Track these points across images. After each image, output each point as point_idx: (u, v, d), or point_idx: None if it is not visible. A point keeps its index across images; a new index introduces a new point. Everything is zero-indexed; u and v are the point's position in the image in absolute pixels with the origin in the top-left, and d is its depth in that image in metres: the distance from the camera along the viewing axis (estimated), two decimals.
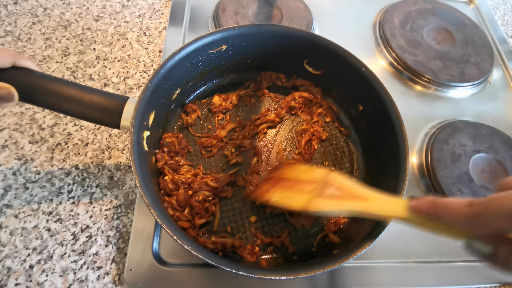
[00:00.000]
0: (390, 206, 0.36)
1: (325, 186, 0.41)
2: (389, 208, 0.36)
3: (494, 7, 0.95)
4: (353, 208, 0.38)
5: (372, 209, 0.37)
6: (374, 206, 0.38)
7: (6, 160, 0.55)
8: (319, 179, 0.42)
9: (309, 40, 0.57)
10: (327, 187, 0.41)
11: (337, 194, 0.40)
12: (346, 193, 0.40)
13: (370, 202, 0.38)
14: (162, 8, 0.78)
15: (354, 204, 0.38)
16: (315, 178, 0.43)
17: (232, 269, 0.37)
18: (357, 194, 0.39)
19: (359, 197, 0.39)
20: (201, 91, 0.62)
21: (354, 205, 0.38)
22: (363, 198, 0.39)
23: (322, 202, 0.40)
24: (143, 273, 0.47)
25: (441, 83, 0.72)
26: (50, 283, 0.47)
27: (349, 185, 0.41)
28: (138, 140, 0.45)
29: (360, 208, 0.38)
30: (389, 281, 0.51)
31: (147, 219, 0.51)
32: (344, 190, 0.40)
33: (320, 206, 0.40)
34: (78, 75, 0.65)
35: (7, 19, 0.70)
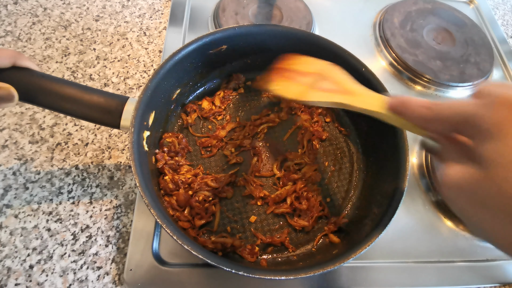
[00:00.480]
0: (372, 101, 0.40)
1: (321, 78, 0.46)
2: (370, 103, 0.39)
3: (494, 7, 0.95)
4: (339, 100, 0.42)
5: (356, 102, 0.41)
6: (358, 100, 0.41)
7: (6, 160, 0.55)
8: (320, 70, 0.47)
9: (309, 40, 0.57)
10: (322, 79, 0.45)
11: (329, 88, 0.44)
12: (338, 87, 0.44)
13: (356, 97, 0.42)
14: (162, 8, 0.78)
15: (341, 97, 0.42)
16: (313, 70, 0.47)
17: (232, 269, 0.37)
18: (347, 89, 0.43)
19: (348, 91, 0.43)
20: (201, 91, 0.62)
21: (341, 98, 0.42)
22: (351, 92, 0.42)
23: (314, 94, 0.44)
24: (143, 273, 0.47)
25: (441, 83, 0.72)
26: (50, 283, 0.47)
27: (342, 80, 0.45)
28: (138, 140, 0.45)
29: (345, 101, 0.41)
30: (389, 281, 0.51)
31: (147, 219, 0.51)
32: (338, 83, 0.44)
33: (311, 97, 0.44)
34: (78, 75, 0.65)
35: (7, 19, 0.70)
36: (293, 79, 0.48)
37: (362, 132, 0.60)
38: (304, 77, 0.47)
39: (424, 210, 0.58)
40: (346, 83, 0.44)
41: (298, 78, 0.47)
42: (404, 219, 0.57)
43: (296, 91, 0.46)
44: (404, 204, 0.56)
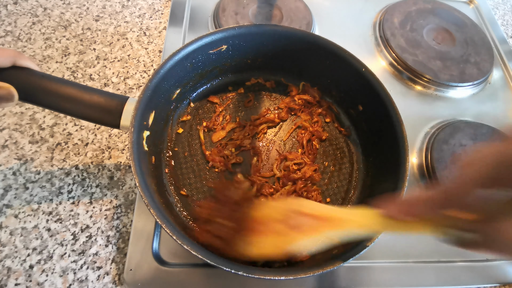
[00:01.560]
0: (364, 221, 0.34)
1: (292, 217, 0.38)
2: (364, 223, 0.34)
3: (494, 7, 0.95)
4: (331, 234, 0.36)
5: (347, 229, 0.35)
6: (348, 226, 0.36)
7: (6, 160, 0.55)
8: (284, 210, 0.40)
9: (309, 40, 0.57)
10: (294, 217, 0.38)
11: (310, 223, 0.37)
12: (318, 219, 0.37)
13: (343, 223, 0.36)
14: (162, 8, 0.78)
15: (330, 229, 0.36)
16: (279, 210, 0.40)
17: (232, 269, 0.37)
18: (329, 216, 0.37)
19: (332, 219, 0.37)
20: (202, 91, 0.62)
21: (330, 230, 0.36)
22: (336, 219, 0.36)
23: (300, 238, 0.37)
24: (143, 273, 0.47)
25: (441, 83, 0.72)
26: (50, 283, 0.47)
27: (318, 209, 0.39)
28: (138, 140, 0.45)
29: (335, 232, 0.36)
30: (389, 281, 0.51)
31: (147, 219, 0.51)
32: (315, 215, 0.38)
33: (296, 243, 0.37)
34: (78, 75, 0.65)
35: (7, 19, 0.70)
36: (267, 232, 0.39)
37: (362, 132, 0.60)
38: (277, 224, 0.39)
39: None
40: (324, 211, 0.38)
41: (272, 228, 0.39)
42: None
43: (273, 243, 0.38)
44: None
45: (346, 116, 0.63)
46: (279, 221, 0.39)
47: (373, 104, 0.54)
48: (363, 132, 0.60)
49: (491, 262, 0.55)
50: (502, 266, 0.54)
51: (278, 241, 0.38)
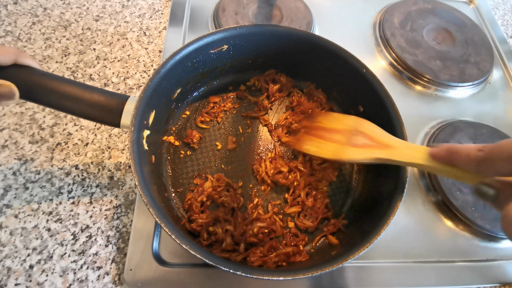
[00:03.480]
0: (412, 153, 0.39)
1: (355, 134, 0.45)
2: (411, 155, 0.39)
3: (494, 7, 0.95)
4: (380, 156, 0.41)
5: (396, 156, 0.40)
6: (398, 153, 0.40)
7: (6, 160, 0.55)
8: (350, 126, 0.46)
9: (310, 41, 0.57)
10: (356, 135, 0.45)
11: (365, 143, 0.44)
12: (373, 141, 0.43)
13: (395, 150, 0.41)
14: (162, 8, 0.78)
15: (381, 152, 0.42)
16: (346, 126, 0.47)
17: (231, 269, 0.37)
18: (384, 142, 0.42)
19: (385, 145, 0.42)
20: (202, 91, 0.62)
21: (380, 153, 0.42)
22: (388, 146, 0.42)
23: (352, 151, 0.43)
24: (143, 273, 0.47)
25: (441, 83, 0.72)
26: (50, 283, 0.47)
27: (377, 133, 0.44)
28: (138, 139, 0.45)
29: (385, 156, 0.41)
30: (389, 281, 0.51)
31: (147, 219, 0.51)
32: (372, 137, 0.44)
33: (349, 155, 0.43)
34: (78, 75, 0.65)
35: (7, 19, 0.70)
36: (324, 138, 0.47)
37: None
38: (335, 134, 0.47)
39: (424, 210, 0.58)
40: (381, 137, 0.44)
41: (330, 136, 0.47)
42: (404, 219, 0.57)
43: (331, 149, 0.45)
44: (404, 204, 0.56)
45: None
46: (342, 132, 0.46)
47: (374, 105, 0.54)
48: None
49: (491, 262, 0.55)
50: (502, 266, 0.54)
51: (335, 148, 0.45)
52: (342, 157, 0.44)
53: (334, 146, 0.46)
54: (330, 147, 0.46)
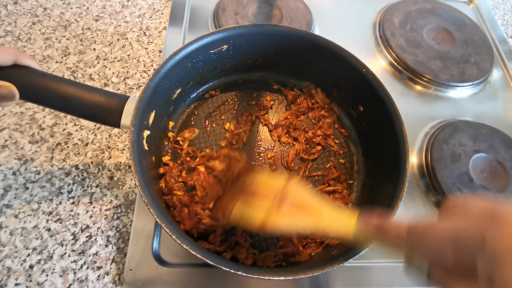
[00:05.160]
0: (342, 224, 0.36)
1: (282, 200, 0.40)
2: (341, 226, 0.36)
3: (494, 7, 0.95)
4: (307, 225, 0.39)
5: (324, 226, 0.38)
6: (326, 224, 0.38)
7: (6, 160, 0.55)
8: (278, 191, 0.41)
9: (310, 40, 0.57)
10: (284, 201, 0.40)
11: (292, 210, 0.40)
12: (301, 208, 0.40)
13: (323, 219, 0.38)
14: (162, 8, 0.78)
15: (308, 221, 0.39)
16: (274, 190, 0.42)
17: (231, 269, 0.37)
18: (312, 209, 0.39)
19: (313, 212, 0.39)
20: (202, 91, 0.62)
21: (308, 222, 0.39)
22: (316, 213, 0.39)
23: (278, 220, 0.39)
24: (143, 273, 0.47)
25: (441, 83, 0.72)
26: (50, 283, 0.47)
27: (305, 199, 0.40)
28: (138, 139, 0.45)
29: (313, 225, 0.38)
30: (389, 281, 0.51)
31: (147, 219, 0.51)
32: (300, 204, 0.40)
33: (275, 224, 0.39)
34: (78, 75, 0.65)
35: (7, 19, 0.70)
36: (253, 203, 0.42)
37: (362, 133, 0.60)
38: (264, 200, 0.41)
39: (424, 210, 0.58)
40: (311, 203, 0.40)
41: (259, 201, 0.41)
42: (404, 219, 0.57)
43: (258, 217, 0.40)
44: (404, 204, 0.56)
45: (347, 117, 0.63)
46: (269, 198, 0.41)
47: (374, 104, 0.54)
48: (363, 133, 0.60)
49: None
50: None
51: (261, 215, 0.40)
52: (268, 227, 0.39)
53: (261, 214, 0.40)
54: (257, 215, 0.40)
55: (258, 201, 0.41)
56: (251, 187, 0.43)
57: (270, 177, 0.44)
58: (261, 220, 0.40)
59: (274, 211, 0.40)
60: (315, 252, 0.50)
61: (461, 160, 0.61)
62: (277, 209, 0.40)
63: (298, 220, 0.39)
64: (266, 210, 0.40)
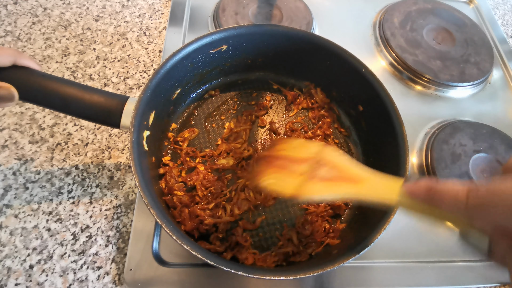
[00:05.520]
0: (384, 190, 0.33)
1: (318, 166, 0.38)
2: (383, 193, 0.33)
3: (494, 7, 0.95)
4: (345, 193, 0.35)
5: (365, 193, 0.34)
6: (367, 190, 0.34)
7: (6, 160, 0.55)
8: (313, 156, 0.39)
9: (309, 40, 0.57)
10: (320, 167, 0.38)
11: (329, 176, 0.37)
12: (339, 174, 0.37)
13: (363, 185, 0.34)
14: (162, 8, 0.78)
15: (346, 188, 0.35)
16: (308, 155, 0.40)
17: (232, 269, 0.37)
18: (350, 175, 0.36)
19: (352, 179, 0.35)
20: (202, 91, 0.62)
21: (346, 189, 0.35)
22: (356, 180, 0.35)
23: (313, 187, 0.37)
24: (143, 273, 0.47)
25: (441, 83, 0.72)
26: (50, 283, 0.47)
27: (343, 164, 0.37)
28: (138, 140, 0.45)
29: (352, 193, 0.35)
30: (389, 281, 0.51)
31: (147, 219, 0.51)
32: (337, 170, 0.37)
33: (311, 191, 0.36)
34: (78, 75, 0.65)
35: (7, 19, 0.70)
36: (286, 169, 0.40)
37: (362, 133, 0.60)
38: (299, 165, 0.39)
39: None
40: (348, 169, 0.37)
41: (293, 167, 0.40)
42: (404, 219, 0.57)
43: (293, 184, 0.38)
44: None
45: (346, 117, 0.63)
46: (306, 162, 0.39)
47: (373, 104, 0.54)
48: (363, 133, 0.60)
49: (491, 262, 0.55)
50: None
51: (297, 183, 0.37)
52: (303, 194, 0.37)
53: (294, 181, 0.38)
54: (292, 181, 0.38)
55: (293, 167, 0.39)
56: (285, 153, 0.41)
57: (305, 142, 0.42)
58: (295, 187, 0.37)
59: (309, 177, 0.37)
60: (315, 252, 0.50)
61: (461, 160, 0.61)
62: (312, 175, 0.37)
63: (336, 187, 0.36)
64: (301, 177, 0.38)
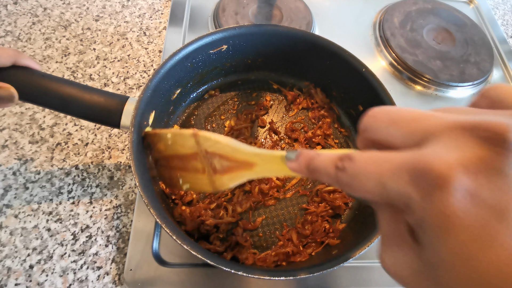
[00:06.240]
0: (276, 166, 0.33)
1: (207, 159, 0.38)
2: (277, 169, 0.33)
3: (494, 7, 0.95)
4: (249, 177, 0.36)
5: (262, 173, 0.35)
6: (262, 170, 0.35)
7: (6, 160, 0.55)
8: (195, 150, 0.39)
9: (309, 40, 0.57)
10: (210, 159, 0.38)
11: (225, 167, 0.38)
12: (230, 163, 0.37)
13: (257, 168, 0.35)
14: (162, 8, 0.78)
15: (246, 174, 0.36)
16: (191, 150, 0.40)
17: (232, 269, 0.37)
18: (241, 162, 0.37)
19: (244, 164, 0.36)
20: (201, 91, 0.62)
21: (247, 175, 0.36)
22: (248, 164, 0.36)
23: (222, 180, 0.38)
24: (143, 273, 0.47)
25: (441, 83, 0.72)
26: (50, 283, 0.47)
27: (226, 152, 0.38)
28: (138, 140, 0.45)
29: (252, 175, 0.36)
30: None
31: (147, 219, 0.51)
32: (226, 159, 0.38)
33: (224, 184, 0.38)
34: (78, 75, 0.65)
35: (7, 19, 0.70)
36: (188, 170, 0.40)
37: None
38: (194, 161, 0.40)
39: None
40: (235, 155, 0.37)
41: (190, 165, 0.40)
42: None
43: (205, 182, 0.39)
44: None
45: (346, 117, 0.63)
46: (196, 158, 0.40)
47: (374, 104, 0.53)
48: None
49: None
50: None
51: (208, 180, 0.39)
52: (220, 188, 0.38)
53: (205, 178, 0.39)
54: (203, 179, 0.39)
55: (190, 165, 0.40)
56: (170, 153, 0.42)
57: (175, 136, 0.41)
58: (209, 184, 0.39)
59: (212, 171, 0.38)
60: (315, 252, 0.50)
61: None
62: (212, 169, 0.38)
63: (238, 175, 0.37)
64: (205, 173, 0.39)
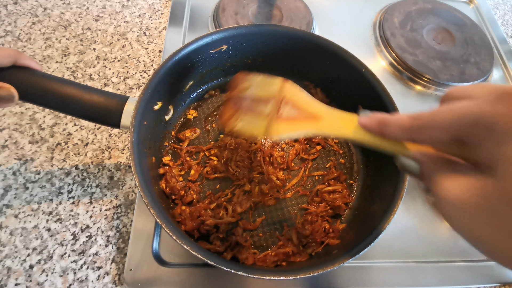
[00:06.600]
0: (341, 125, 0.36)
1: (284, 103, 0.40)
2: (340, 127, 0.36)
3: (494, 7, 0.95)
4: (308, 130, 0.38)
5: (324, 129, 0.37)
6: (326, 126, 0.37)
7: (6, 160, 0.55)
8: (275, 94, 0.41)
9: (310, 40, 0.57)
10: (282, 106, 0.40)
11: (292, 115, 0.39)
12: (300, 112, 0.39)
13: (323, 122, 0.37)
14: (162, 8, 0.78)
15: (308, 126, 0.38)
16: (271, 94, 0.42)
17: (232, 269, 0.37)
18: (311, 113, 0.39)
19: (313, 116, 0.38)
20: (202, 91, 0.62)
21: (308, 127, 0.38)
22: (316, 117, 0.38)
23: (279, 127, 0.39)
24: (143, 273, 0.47)
25: (441, 83, 0.72)
26: (50, 283, 0.47)
27: (303, 102, 0.40)
28: (138, 140, 0.45)
29: (314, 129, 0.38)
30: (389, 281, 0.51)
31: (147, 219, 0.51)
32: (299, 108, 0.40)
33: (278, 131, 0.39)
34: (78, 75, 0.65)
35: (7, 19, 0.70)
36: (253, 111, 0.42)
37: None
38: (265, 105, 0.41)
39: (424, 210, 0.58)
40: (307, 106, 0.39)
41: (259, 108, 0.41)
42: (404, 219, 0.57)
43: (261, 126, 0.40)
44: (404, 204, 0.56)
45: None
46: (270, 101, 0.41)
47: (373, 104, 0.54)
48: None
49: (491, 262, 0.55)
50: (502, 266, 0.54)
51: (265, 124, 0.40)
52: (271, 134, 0.39)
53: (264, 122, 0.40)
54: (260, 123, 0.40)
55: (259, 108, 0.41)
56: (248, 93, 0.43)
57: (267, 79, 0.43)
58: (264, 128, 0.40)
59: (274, 116, 0.40)
60: (315, 252, 0.50)
61: None
62: (277, 114, 0.40)
63: (299, 125, 0.39)
64: (267, 116, 0.40)
